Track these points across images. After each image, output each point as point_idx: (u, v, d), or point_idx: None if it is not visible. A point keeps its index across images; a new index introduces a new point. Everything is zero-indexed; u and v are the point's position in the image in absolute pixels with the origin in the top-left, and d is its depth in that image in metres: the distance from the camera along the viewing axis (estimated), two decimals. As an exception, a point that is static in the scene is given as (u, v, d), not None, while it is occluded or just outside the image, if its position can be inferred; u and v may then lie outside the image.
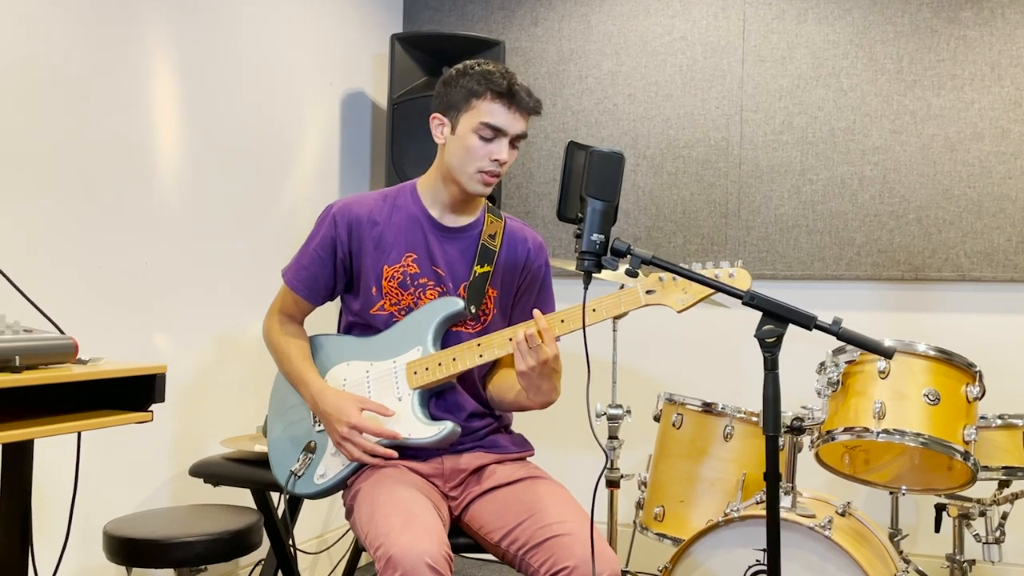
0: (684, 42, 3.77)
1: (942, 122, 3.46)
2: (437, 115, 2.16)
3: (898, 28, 3.52)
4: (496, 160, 2.09)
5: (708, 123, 3.72)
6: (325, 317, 2.40)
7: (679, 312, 1.97)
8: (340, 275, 2.20)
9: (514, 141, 2.11)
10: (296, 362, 2.19)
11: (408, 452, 2.12)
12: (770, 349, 1.70)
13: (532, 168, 3.95)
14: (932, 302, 3.50)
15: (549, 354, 1.94)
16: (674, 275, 1.94)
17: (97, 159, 2.61)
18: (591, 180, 1.78)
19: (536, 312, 1.97)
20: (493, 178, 2.11)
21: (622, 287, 2.92)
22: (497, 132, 2.08)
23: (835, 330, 1.68)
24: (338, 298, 2.29)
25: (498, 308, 2.22)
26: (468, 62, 2.16)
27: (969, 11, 3.44)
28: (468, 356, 2.09)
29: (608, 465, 3.03)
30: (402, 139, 3.50)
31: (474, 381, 2.21)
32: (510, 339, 2.04)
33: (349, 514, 2.08)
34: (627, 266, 1.80)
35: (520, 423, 2.33)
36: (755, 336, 1.71)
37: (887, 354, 1.75)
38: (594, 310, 1.99)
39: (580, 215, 1.79)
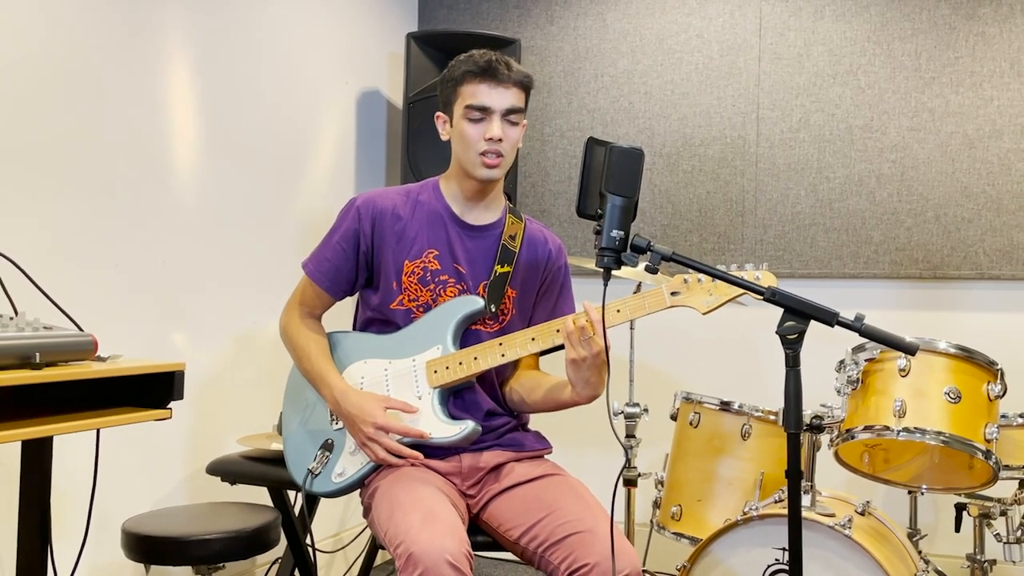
0: (700, 40, 3.75)
1: (961, 119, 3.43)
2: (439, 113, 2.20)
3: (916, 25, 3.49)
4: (489, 139, 2.08)
5: (724, 121, 3.71)
6: (340, 314, 2.40)
7: (704, 314, 1.96)
8: (362, 269, 2.19)
9: (507, 117, 2.10)
10: (316, 361, 2.18)
11: (427, 450, 2.11)
12: (792, 346, 1.70)
13: (547, 167, 3.94)
14: (951, 300, 3.47)
15: (601, 345, 1.93)
16: (699, 277, 1.94)
17: (115, 157, 2.61)
18: (611, 176, 1.77)
19: (586, 303, 1.96)
20: (495, 158, 2.10)
21: (639, 285, 2.94)
22: (483, 111, 2.09)
23: (858, 326, 1.67)
24: (355, 294, 2.28)
25: (517, 308, 2.22)
26: (457, 56, 2.17)
27: (988, 7, 3.41)
28: (490, 356, 2.08)
29: (626, 463, 3.02)
30: (417, 138, 3.49)
31: (492, 380, 2.21)
32: (557, 330, 2.03)
33: (367, 512, 2.08)
34: (647, 263, 1.80)
35: (537, 422, 2.32)
36: (776, 333, 1.70)
37: (910, 350, 1.73)
38: (618, 311, 1.99)
39: (599, 211, 1.78)
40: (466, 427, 2.06)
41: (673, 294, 1.96)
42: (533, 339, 2.06)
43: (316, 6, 3.48)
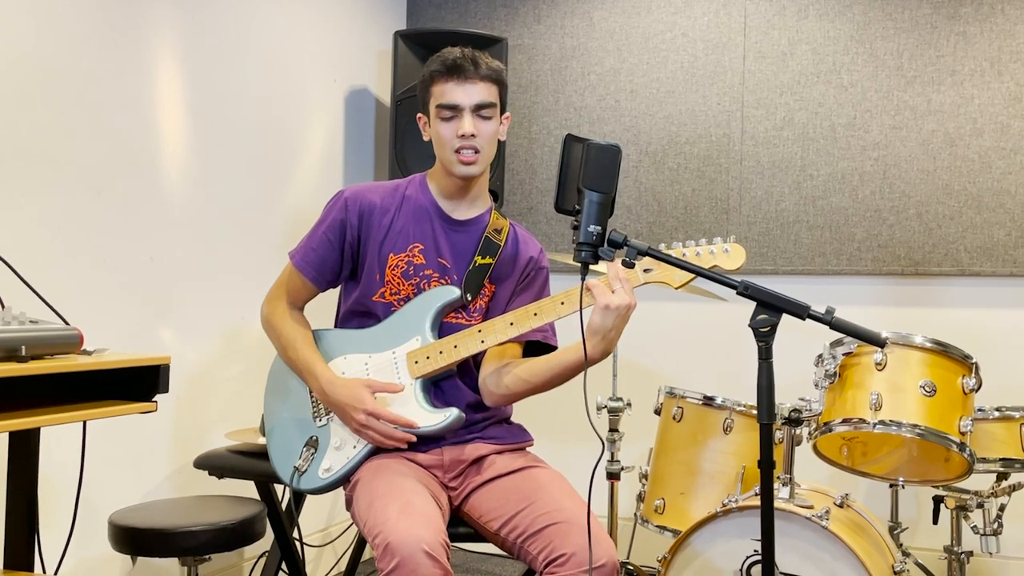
0: (686, 38, 3.79)
1: (942, 118, 3.47)
2: (419, 115, 2.23)
3: (898, 24, 3.53)
4: (461, 136, 2.10)
5: (709, 119, 3.74)
6: (323, 311, 2.42)
7: (677, 288, 2.00)
8: (347, 260, 2.22)
9: (479, 112, 2.12)
10: (302, 350, 2.20)
11: (410, 443, 2.14)
12: (764, 339, 1.73)
13: (535, 164, 3.97)
14: (932, 297, 3.51)
15: (630, 300, 1.93)
16: (670, 252, 1.97)
17: (104, 154, 2.64)
18: (588, 172, 1.80)
19: (609, 264, 1.93)
20: (472, 154, 2.12)
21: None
22: (452, 109, 2.11)
23: (828, 319, 1.70)
24: (338, 286, 2.31)
25: (495, 304, 2.25)
26: (433, 56, 2.19)
27: (969, 7, 3.45)
28: (470, 342, 2.10)
29: (609, 456, 3.06)
30: (405, 135, 3.52)
31: (473, 373, 2.23)
32: (535, 314, 2.05)
33: (349, 504, 2.11)
34: (624, 257, 1.83)
35: (521, 415, 2.35)
36: (749, 326, 1.74)
37: (879, 343, 1.77)
38: (590, 290, 2.00)
39: (577, 207, 1.81)
40: (451, 414, 2.09)
41: (646, 271, 2.00)
42: (511, 324, 2.08)
43: (304, 5, 3.50)
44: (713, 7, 3.75)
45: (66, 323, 1.80)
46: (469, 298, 2.19)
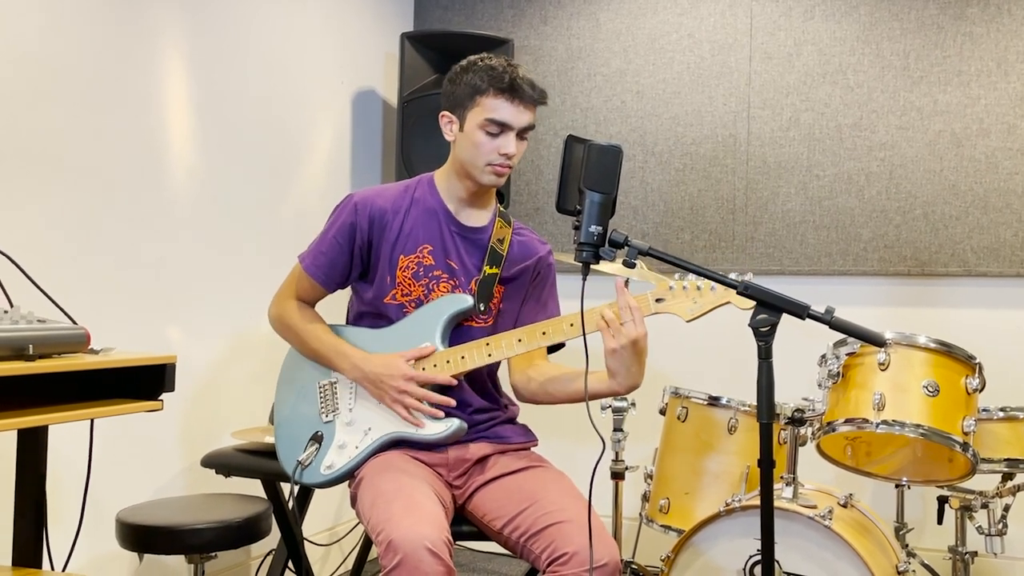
0: (692, 40, 3.79)
1: (948, 118, 3.47)
2: (445, 113, 2.21)
3: (904, 25, 3.53)
4: (504, 154, 2.13)
5: (716, 120, 3.75)
6: (328, 311, 2.44)
7: (688, 321, 2.01)
8: (356, 263, 2.24)
9: (521, 133, 2.16)
10: (326, 338, 2.23)
11: (414, 443, 2.16)
12: (764, 338, 1.74)
13: (541, 165, 3.99)
14: (938, 297, 3.51)
15: (638, 333, 1.97)
16: (684, 284, 1.99)
17: (112, 155, 2.66)
18: (589, 173, 1.81)
19: (618, 282, 1.98)
20: (505, 169, 2.16)
21: (627, 281, 2.97)
22: (502, 127, 2.12)
23: (827, 319, 1.71)
24: (347, 287, 2.33)
25: (506, 303, 2.26)
26: (472, 57, 2.19)
27: (975, 7, 3.45)
28: (477, 355, 2.12)
29: (614, 456, 3.07)
30: (412, 137, 3.54)
31: (481, 376, 2.25)
32: (543, 332, 2.07)
33: (354, 501, 2.13)
34: (624, 257, 1.84)
35: (528, 415, 2.36)
36: (749, 325, 1.75)
37: (879, 342, 1.78)
38: (602, 316, 2.03)
39: (578, 207, 1.82)
40: (452, 424, 2.11)
41: (658, 300, 2.01)
42: (520, 340, 2.11)
43: (311, 6, 3.52)
44: (719, 8, 3.76)
45: (73, 322, 1.82)
46: (482, 308, 2.21)
